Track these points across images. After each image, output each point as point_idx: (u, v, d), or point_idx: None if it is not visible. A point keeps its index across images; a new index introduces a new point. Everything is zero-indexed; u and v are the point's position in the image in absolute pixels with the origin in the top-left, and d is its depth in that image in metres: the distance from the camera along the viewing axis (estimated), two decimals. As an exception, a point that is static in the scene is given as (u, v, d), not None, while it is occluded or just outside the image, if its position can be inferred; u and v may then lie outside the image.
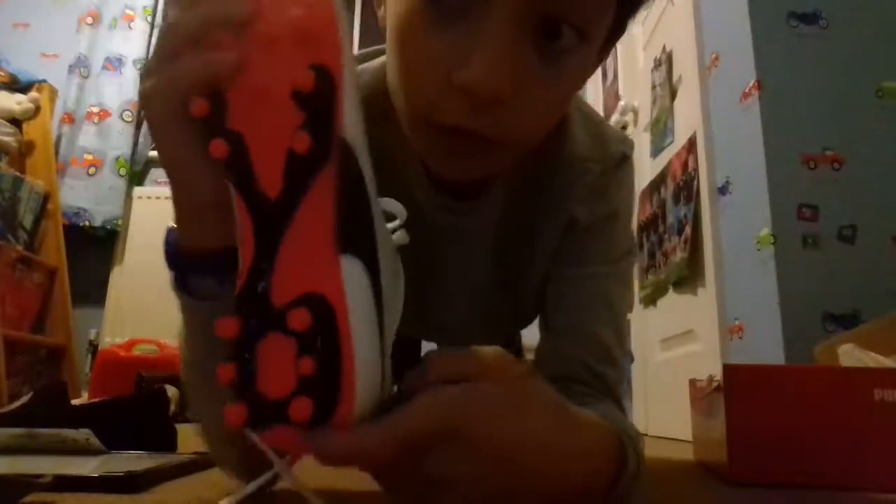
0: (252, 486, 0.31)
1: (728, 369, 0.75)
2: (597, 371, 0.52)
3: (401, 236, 0.35)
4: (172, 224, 0.35)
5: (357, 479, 0.38)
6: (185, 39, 0.31)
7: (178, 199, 0.34)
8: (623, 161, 0.57)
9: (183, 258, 0.35)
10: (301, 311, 0.27)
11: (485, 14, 0.36)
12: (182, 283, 0.36)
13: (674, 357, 1.90)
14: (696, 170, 1.69)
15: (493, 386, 0.31)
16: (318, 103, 0.29)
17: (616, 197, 0.57)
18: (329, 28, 0.30)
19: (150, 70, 0.32)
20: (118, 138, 2.79)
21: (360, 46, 2.94)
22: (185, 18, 0.31)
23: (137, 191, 2.81)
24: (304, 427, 0.27)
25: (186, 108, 0.30)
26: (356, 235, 0.29)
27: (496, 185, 0.53)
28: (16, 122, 2.46)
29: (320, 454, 0.28)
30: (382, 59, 0.52)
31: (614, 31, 0.43)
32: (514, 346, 1.18)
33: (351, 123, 0.30)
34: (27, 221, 2.40)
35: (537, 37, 0.37)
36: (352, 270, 0.28)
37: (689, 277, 1.72)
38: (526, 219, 0.56)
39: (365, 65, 0.54)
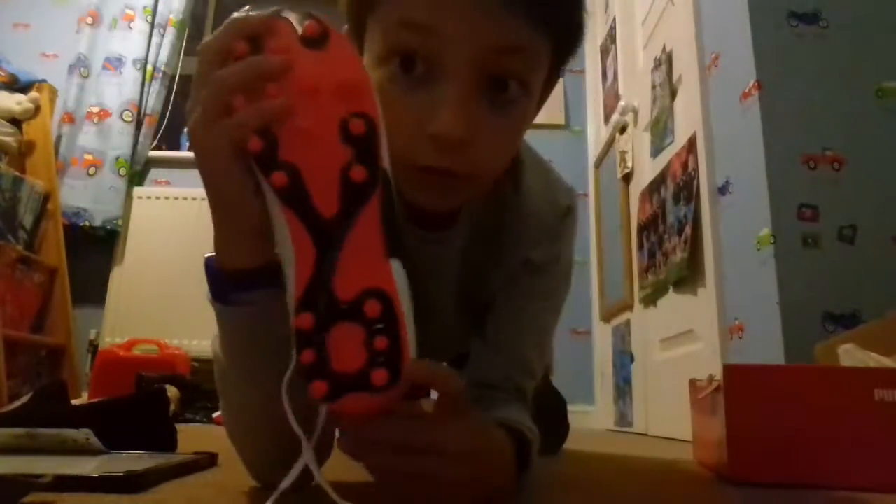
0: (286, 482, 0.38)
1: (728, 369, 0.75)
2: (517, 383, 0.64)
3: None
4: (211, 253, 0.43)
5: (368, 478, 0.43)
6: (235, 91, 0.37)
7: (224, 228, 0.42)
8: (568, 212, 0.68)
9: (227, 277, 0.43)
10: (373, 302, 0.36)
11: (445, 78, 0.46)
12: (222, 297, 0.44)
13: (674, 357, 1.90)
14: (696, 170, 1.69)
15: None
16: (367, 143, 0.38)
17: (563, 242, 0.69)
18: (366, 83, 0.39)
19: (206, 122, 0.38)
20: (118, 138, 2.79)
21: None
22: (232, 73, 0.38)
23: (137, 191, 2.81)
24: (379, 391, 0.36)
25: (240, 149, 0.37)
26: (395, 243, 0.38)
27: (462, 219, 0.63)
28: (16, 122, 2.46)
29: (390, 408, 0.38)
30: None
31: (549, 81, 0.54)
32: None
33: (385, 158, 0.39)
34: (27, 221, 2.40)
35: (488, 91, 0.47)
36: (397, 270, 0.38)
37: (689, 277, 1.72)
38: (486, 252, 0.66)
39: None
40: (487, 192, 0.58)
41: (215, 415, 1.85)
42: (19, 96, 2.47)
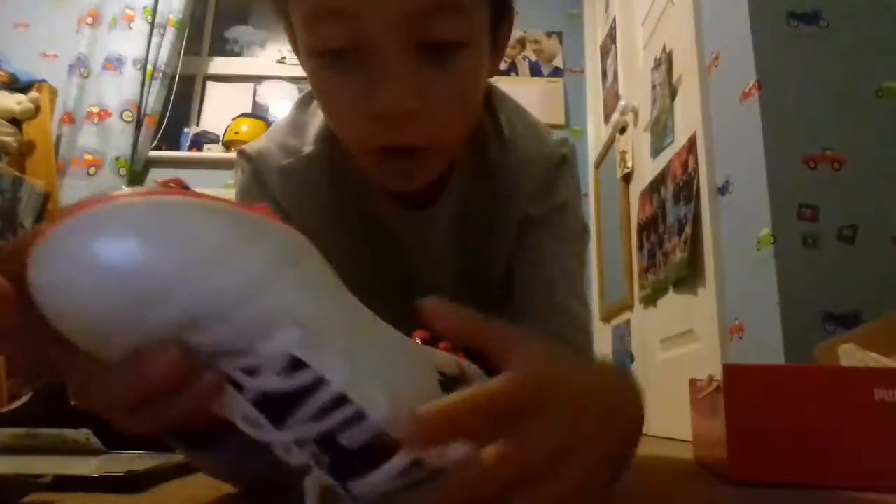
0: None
1: (728, 369, 0.75)
2: (568, 338, 0.58)
3: None
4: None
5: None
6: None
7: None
8: (563, 161, 0.65)
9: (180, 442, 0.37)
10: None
11: (376, 56, 0.44)
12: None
13: (674, 357, 1.90)
14: (696, 170, 1.69)
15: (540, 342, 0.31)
16: None
17: (563, 191, 0.65)
18: None
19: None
20: (118, 138, 2.79)
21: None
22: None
23: (137, 191, 2.81)
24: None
25: None
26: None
27: (447, 193, 0.61)
28: (16, 122, 2.45)
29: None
30: None
31: (498, 17, 0.50)
32: None
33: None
34: (27, 221, 2.40)
35: (426, 54, 0.45)
36: None
37: (689, 277, 1.72)
38: (480, 219, 0.63)
39: None
40: (469, 158, 0.56)
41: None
42: (19, 96, 2.47)
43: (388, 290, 0.60)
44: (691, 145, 1.72)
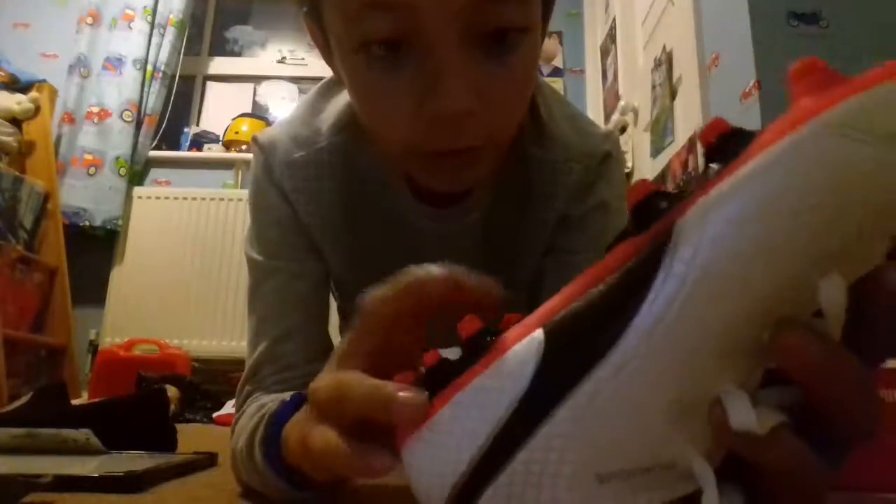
0: None
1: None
2: None
3: None
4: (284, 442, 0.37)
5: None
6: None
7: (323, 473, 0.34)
8: (606, 158, 0.59)
9: (287, 471, 0.38)
10: None
11: (432, 48, 0.39)
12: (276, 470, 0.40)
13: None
14: (696, 170, 1.69)
15: None
16: None
17: (605, 190, 0.59)
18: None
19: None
20: (118, 138, 2.79)
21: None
22: None
23: (137, 191, 2.81)
24: None
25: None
26: None
27: (478, 189, 0.56)
28: (16, 122, 2.45)
29: None
30: None
31: (547, 4, 0.46)
32: None
33: None
34: (27, 221, 2.40)
35: (483, 45, 0.40)
36: None
37: (689, 277, 1.72)
38: (512, 219, 0.58)
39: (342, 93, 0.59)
40: (506, 152, 0.49)
41: (215, 415, 1.85)
42: (19, 96, 2.47)
43: None
44: (691, 145, 1.72)
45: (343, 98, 0.59)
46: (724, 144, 0.21)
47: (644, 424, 0.21)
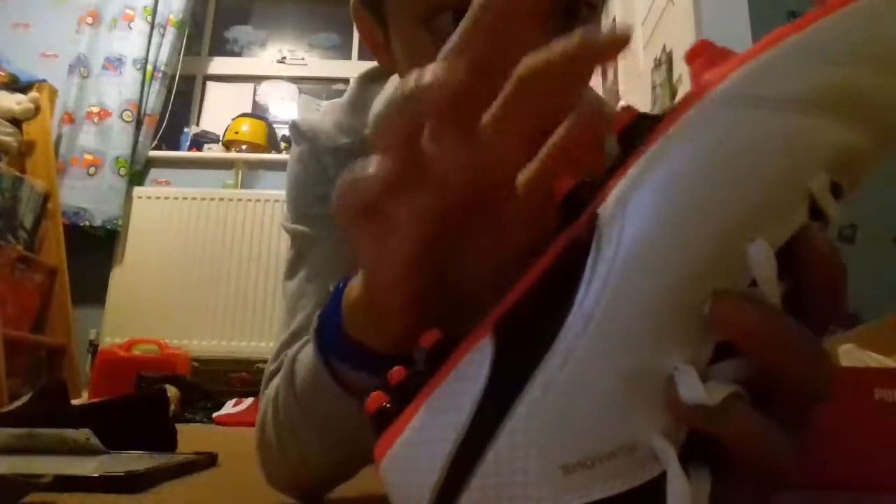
0: None
1: (728, 369, 0.75)
2: None
3: None
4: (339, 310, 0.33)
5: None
6: None
7: (377, 300, 0.29)
8: None
9: (351, 349, 0.34)
10: None
11: None
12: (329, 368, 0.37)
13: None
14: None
15: None
16: None
17: None
18: None
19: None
20: (118, 138, 2.79)
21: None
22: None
23: (137, 191, 2.81)
24: None
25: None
26: None
27: None
28: (16, 122, 2.46)
29: None
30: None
31: None
32: None
33: None
34: (27, 221, 2.40)
35: (558, 21, 0.40)
36: None
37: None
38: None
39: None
40: None
41: (215, 415, 1.85)
42: (19, 96, 2.47)
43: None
44: (691, 145, 1.73)
45: (390, 89, 0.59)
46: (633, 130, 0.23)
47: (600, 409, 0.21)
